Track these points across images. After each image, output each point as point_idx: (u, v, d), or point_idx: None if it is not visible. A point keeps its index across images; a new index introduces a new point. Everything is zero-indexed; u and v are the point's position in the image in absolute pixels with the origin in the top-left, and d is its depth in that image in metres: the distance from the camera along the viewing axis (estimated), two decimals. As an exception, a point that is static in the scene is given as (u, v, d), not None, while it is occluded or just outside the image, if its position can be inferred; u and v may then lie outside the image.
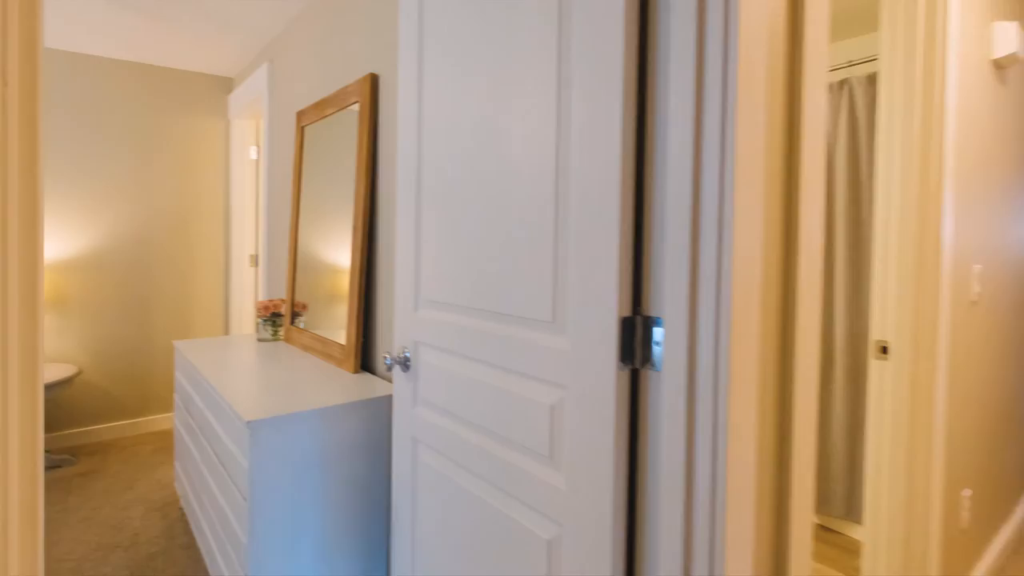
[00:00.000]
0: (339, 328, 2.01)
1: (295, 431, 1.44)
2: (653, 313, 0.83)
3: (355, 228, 1.92)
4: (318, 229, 2.27)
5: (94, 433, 3.32)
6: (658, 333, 0.82)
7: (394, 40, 1.83)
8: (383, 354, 1.81)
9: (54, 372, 2.93)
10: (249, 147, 3.54)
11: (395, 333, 1.43)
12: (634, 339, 0.84)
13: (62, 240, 3.21)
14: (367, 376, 1.79)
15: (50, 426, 3.21)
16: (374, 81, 1.93)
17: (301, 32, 2.57)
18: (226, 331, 3.71)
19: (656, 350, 0.82)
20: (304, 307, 2.29)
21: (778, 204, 0.84)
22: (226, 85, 3.66)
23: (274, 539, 1.42)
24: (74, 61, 3.21)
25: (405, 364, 1.36)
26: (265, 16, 2.66)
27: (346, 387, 1.66)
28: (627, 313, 0.83)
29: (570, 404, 0.90)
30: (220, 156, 3.67)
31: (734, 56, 0.73)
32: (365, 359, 1.91)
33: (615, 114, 0.83)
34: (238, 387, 1.65)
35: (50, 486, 2.72)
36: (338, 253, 2.08)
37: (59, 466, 2.96)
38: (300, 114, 2.46)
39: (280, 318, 2.37)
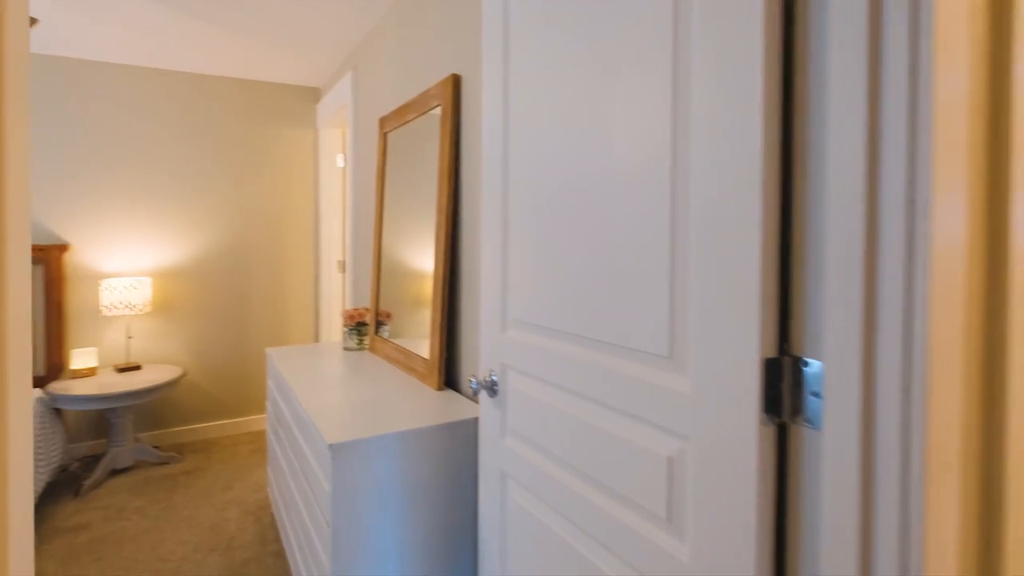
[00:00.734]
0: (422, 336, 1.94)
1: (378, 454, 1.37)
2: (807, 354, 0.65)
3: (437, 237, 1.84)
4: (401, 236, 2.22)
5: (199, 431, 3.50)
6: (814, 379, 0.64)
7: (477, 38, 1.72)
8: (468, 377, 1.71)
9: (163, 373, 3.09)
10: (336, 155, 3.60)
11: (481, 354, 1.32)
12: (781, 386, 0.67)
13: (168, 249, 3.39)
14: (451, 394, 1.70)
15: (159, 424, 3.41)
16: (456, 82, 1.83)
17: (382, 38, 2.54)
18: (316, 336, 3.80)
19: (812, 402, 0.64)
20: (388, 316, 2.25)
21: (982, 196, 0.64)
22: (314, 95, 3.74)
23: (356, 565, 1.36)
24: (173, 79, 3.38)
25: (492, 389, 1.25)
26: (348, 25, 2.66)
27: (430, 406, 1.58)
28: (772, 353, 0.66)
29: (694, 459, 0.74)
30: (309, 165, 3.75)
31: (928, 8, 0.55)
32: (449, 375, 1.82)
33: (753, 104, 0.66)
34: (323, 402, 1.61)
35: (159, 483, 2.87)
36: (421, 260, 2.01)
37: (167, 463, 3.12)
38: (382, 120, 2.42)
39: (365, 327, 2.35)
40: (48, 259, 3.10)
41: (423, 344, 1.91)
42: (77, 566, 2.17)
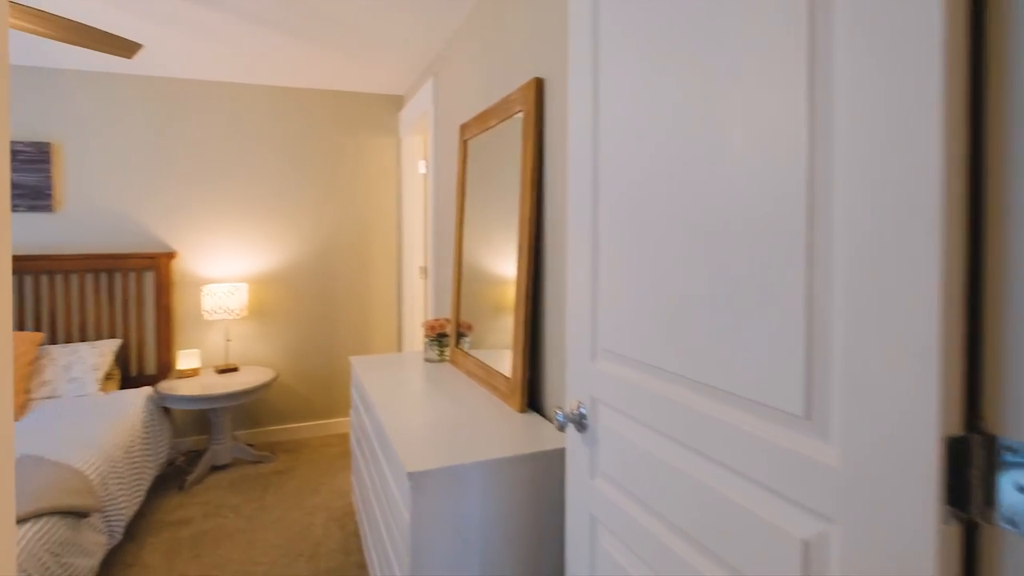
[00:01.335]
0: (503, 346, 1.86)
1: (459, 484, 1.30)
2: (1006, 433, 0.50)
3: (520, 249, 1.75)
4: (481, 243, 2.16)
5: (290, 431, 3.63)
6: (1017, 468, 0.49)
7: (561, 39, 1.62)
8: (554, 408, 1.61)
9: (258, 376, 3.23)
10: (418, 162, 3.61)
11: (568, 383, 1.22)
12: (969, 472, 0.52)
13: (262, 256, 3.54)
14: (535, 418, 1.61)
15: (254, 423, 3.58)
16: (539, 86, 1.74)
17: (462, 43, 2.49)
18: (399, 342, 3.85)
19: (1014, 498, 0.49)
20: (469, 327, 2.20)
21: None
22: (397, 103, 3.78)
23: (438, 599, 1.30)
24: (265, 93, 3.51)
25: (581, 423, 1.15)
26: (428, 32, 2.63)
27: (513, 432, 1.50)
28: (957, 431, 0.52)
29: (840, 546, 0.61)
30: (393, 172, 3.80)
31: None
32: (532, 395, 1.73)
33: (928, 108, 0.52)
34: (403, 422, 1.57)
35: (253, 481, 2.99)
36: (502, 266, 1.94)
37: (260, 462, 3.26)
38: (463, 127, 2.37)
39: (446, 338, 2.31)
40: (158, 266, 3.31)
41: (504, 356, 1.83)
42: (179, 561, 2.28)
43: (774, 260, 0.69)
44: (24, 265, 3.09)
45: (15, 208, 3.11)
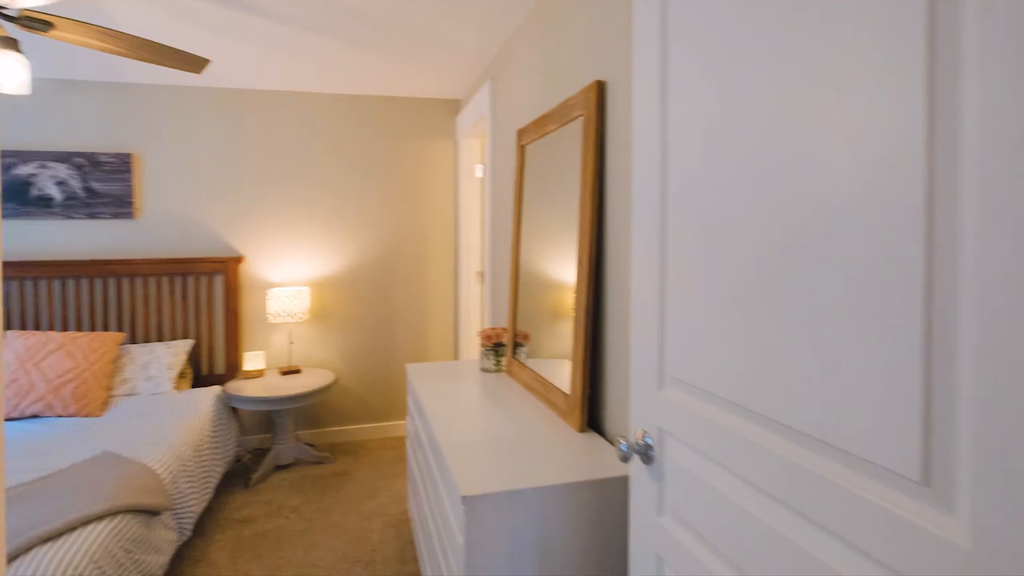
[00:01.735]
0: (561, 356, 1.80)
1: (515, 511, 1.25)
2: None
3: (579, 261, 1.68)
4: (539, 248, 2.10)
5: (349, 433, 3.70)
6: None
7: (624, 41, 1.53)
8: (616, 428, 1.53)
9: (319, 378, 3.30)
10: (475, 165, 3.59)
11: (632, 410, 1.14)
12: None
13: (323, 260, 3.62)
14: (595, 439, 1.54)
15: (315, 423, 3.66)
16: (600, 89, 1.66)
17: (520, 46, 2.43)
18: (455, 346, 3.84)
19: None
20: (526, 337, 2.15)
21: None
22: (454, 107, 3.77)
23: (493, 627, 1.25)
24: (326, 101, 3.58)
25: (646, 455, 1.07)
26: (485, 35, 2.59)
27: (572, 454, 1.43)
28: None
29: (966, 642, 0.51)
30: (450, 176, 3.80)
31: None
32: (592, 414, 1.66)
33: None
34: (458, 439, 1.53)
35: (313, 482, 3.05)
36: (560, 271, 1.87)
37: (321, 463, 3.33)
38: (520, 132, 2.32)
39: (502, 348, 2.27)
40: (226, 270, 3.44)
41: (562, 367, 1.77)
42: (242, 560, 2.34)
43: (881, 283, 0.60)
44: (108, 269, 3.28)
45: (100, 215, 3.29)
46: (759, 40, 0.78)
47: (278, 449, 3.23)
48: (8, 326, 3.22)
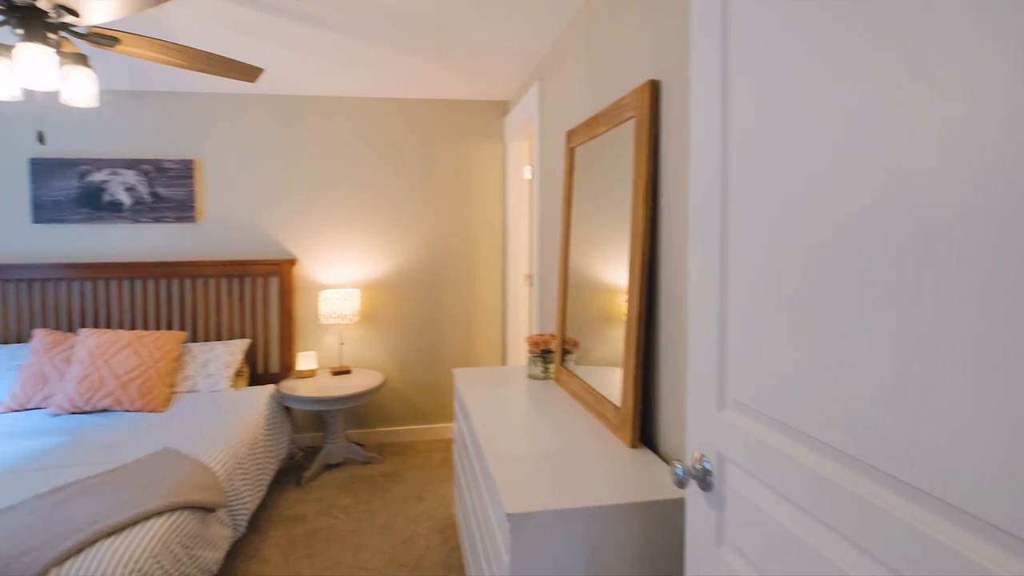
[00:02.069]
0: (612, 363, 1.74)
1: (563, 531, 1.20)
2: None
3: (631, 268, 1.61)
4: (589, 255, 2.04)
5: (398, 434, 3.73)
6: None
7: (679, 36, 1.46)
8: (670, 445, 1.46)
9: (368, 379, 3.34)
10: (524, 167, 3.56)
11: (688, 431, 1.08)
12: None
13: (373, 263, 3.66)
14: (648, 457, 1.47)
15: (364, 423, 3.71)
16: (654, 89, 1.59)
17: (569, 45, 2.37)
18: (503, 350, 3.82)
19: None
20: (575, 344, 2.09)
21: None
22: (502, 108, 3.75)
23: (539, 650, 1.21)
24: (376, 105, 3.62)
25: (704, 480, 1.00)
26: (533, 35, 2.55)
27: (624, 472, 1.37)
28: None
29: None
30: (498, 178, 3.78)
31: None
32: (644, 428, 1.59)
33: None
34: (504, 450, 1.50)
35: (362, 483, 3.09)
36: (610, 275, 1.81)
37: (370, 463, 3.37)
38: (570, 134, 2.26)
39: (550, 355, 2.22)
40: (281, 272, 3.53)
41: (613, 375, 1.71)
42: (293, 558, 2.39)
43: (1000, 300, 0.52)
44: (171, 270, 3.42)
45: (164, 219, 3.44)
46: (836, 34, 0.71)
47: (329, 448, 3.29)
48: (82, 324, 3.41)
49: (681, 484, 1.00)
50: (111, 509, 1.88)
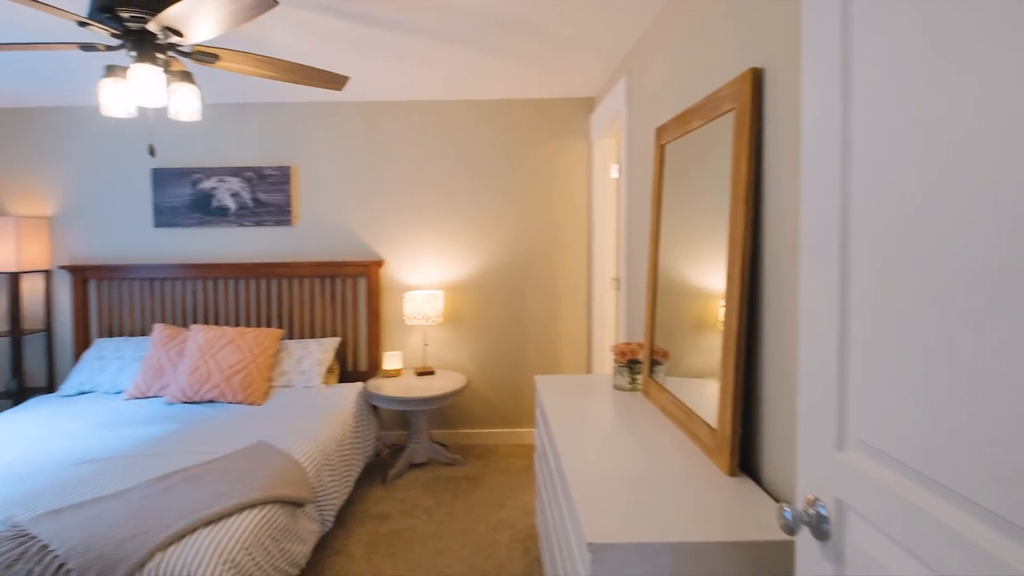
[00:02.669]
0: (705, 374, 1.61)
1: (649, 566, 1.10)
2: None
3: (729, 276, 1.47)
4: (680, 258, 1.90)
5: (480, 436, 3.73)
6: None
7: (786, 17, 1.30)
8: (774, 474, 1.30)
9: (452, 381, 3.35)
10: (610, 166, 3.43)
11: (799, 469, 0.94)
12: None
13: (456, 265, 3.68)
14: (748, 487, 1.33)
15: (447, 424, 3.74)
16: (756, 78, 1.43)
17: (659, 36, 2.23)
18: (588, 353, 3.71)
19: None
20: (665, 355, 1.96)
21: None
22: (588, 105, 3.63)
23: None
24: (457, 108, 3.62)
25: (819, 528, 0.86)
26: (619, 28, 2.43)
27: (720, 504, 1.24)
28: None
29: None
30: (583, 178, 3.67)
31: None
32: (745, 454, 1.45)
33: None
34: (585, 470, 1.41)
35: (445, 484, 3.10)
36: (704, 278, 1.67)
37: (453, 464, 3.38)
38: (659, 130, 2.12)
39: (638, 365, 2.10)
40: (369, 273, 3.63)
41: (706, 391, 1.57)
42: (377, 556, 2.42)
43: None
44: (270, 271, 3.61)
45: (265, 223, 3.64)
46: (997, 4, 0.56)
47: (413, 448, 3.34)
48: (194, 319, 3.68)
49: (790, 530, 0.88)
50: (209, 499, 1.98)
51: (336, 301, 3.67)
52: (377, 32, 2.44)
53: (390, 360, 3.47)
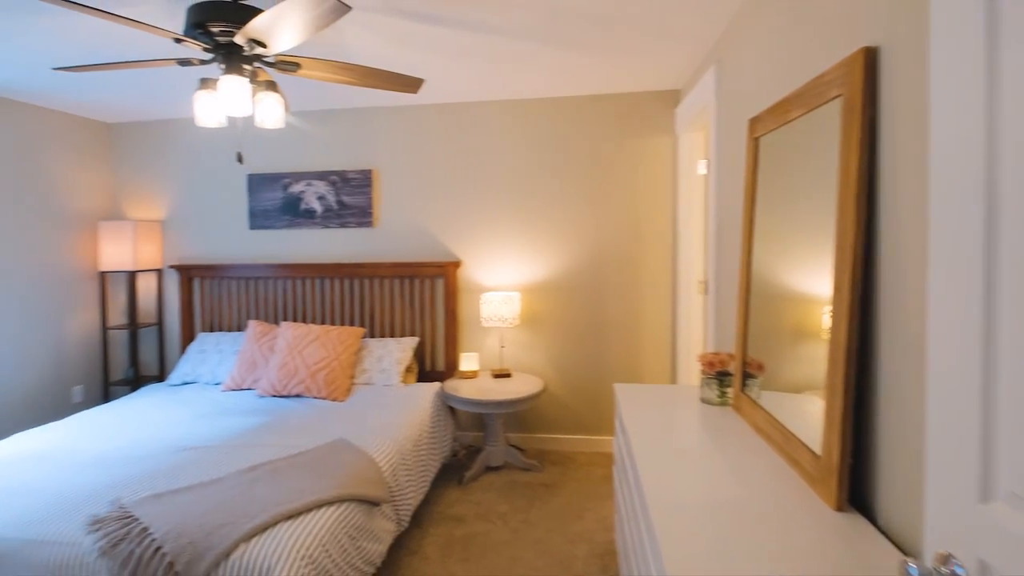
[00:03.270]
0: (805, 387, 1.44)
1: (741, 611, 0.98)
2: None
3: (837, 283, 1.30)
4: (776, 260, 1.73)
5: (557, 442, 3.65)
6: None
7: (918, -18, 1.12)
8: (889, 513, 1.12)
9: (528, 385, 3.29)
10: (697, 161, 3.23)
11: (927, 519, 0.79)
12: None
13: (533, 266, 3.62)
14: (859, 525, 1.16)
15: (524, 427, 3.69)
16: (869, 59, 1.26)
17: (752, 19, 2.05)
18: (672, 361, 3.53)
19: None
20: (759, 368, 1.79)
21: None
22: (672, 98, 3.45)
23: None
24: (534, 107, 3.55)
25: (957, 595, 0.72)
26: (708, 14, 2.26)
27: (825, 544, 1.09)
28: None
29: None
30: (667, 174, 3.49)
31: None
32: (855, 486, 1.28)
33: None
34: (669, 493, 1.30)
35: (521, 490, 3.05)
36: (805, 291, 1.50)
37: (529, 470, 3.33)
38: (753, 122, 1.95)
39: (728, 377, 1.94)
40: (446, 273, 3.65)
41: (808, 409, 1.41)
42: (451, 560, 2.41)
43: None
44: (353, 271, 3.72)
45: (348, 224, 3.76)
46: None
47: (489, 450, 3.32)
48: (284, 317, 3.86)
49: (918, 591, 0.73)
50: (291, 494, 2.04)
51: (415, 301, 3.72)
52: (453, 33, 2.43)
53: (467, 361, 3.47)
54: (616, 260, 3.55)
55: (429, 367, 3.73)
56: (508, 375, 3.47)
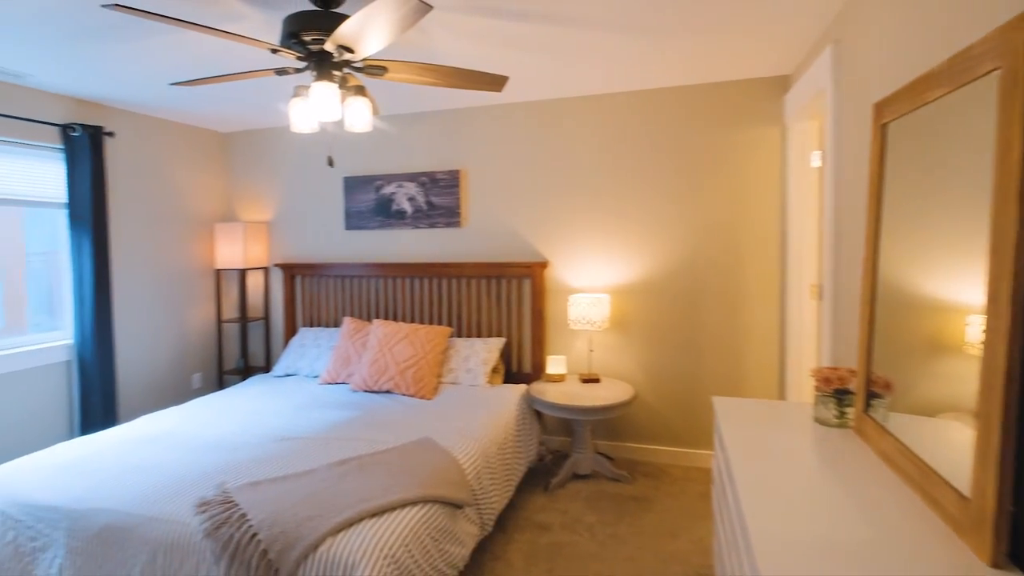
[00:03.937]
0: (943, 408, 1.23)
1: None
2: None
3: (992, 295, 1.08)
4: (907, 262, 1.50)
5: (649, 452, 3.48)
6: None
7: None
8: None
9: (618, 391, 3.16)
10: (810, 153, 2.94)
11: None
12: None
13: (623, 267, 3.46)
14: (1020, 584, 0.95)
15: (613, 435, 3.55)
16: (1046, 18, 1.03)
17: (890, -17, 1.80)
18: (780, 376, 3.24)
19: None
20: (887, 387, 1.56)
21: None
22: (781, 85, 3.17)
23: None
24: (622, 100, 3.38)
25: None
26: (834, -19, 2.02)
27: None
28: None
29: None
30: (774, 168, 3.21)
31: None
32: (1016, 538, 1.06)
33: None
34: (775, 526, 1.14)
35: (609, 501, 2.92)
36: (942, 301, 1.28)
37: (618, 480, 3.18)
38: (879, 107, 1.71)
39: (849, 396, 1.72)
40: (533, 274, 3.58)
41: (948, 436, 1.19)
42: (536, 569, 2.34)
43: None
44: (441, 271, 3.76)
45: (436, 225, 3.80)
46: None
47: (577, 457, 3.21)
48: (376, 315, 3.98)
49: None
50: (377, 490, 2.05)
51: (501, 302, 3.69)
52: (536, 28, 2.35)
53: (554, 364, 3.39)
54: (715, 261, 3.32)
55: (515, 368, 3.68)
56: (597, 380, 3.35)
